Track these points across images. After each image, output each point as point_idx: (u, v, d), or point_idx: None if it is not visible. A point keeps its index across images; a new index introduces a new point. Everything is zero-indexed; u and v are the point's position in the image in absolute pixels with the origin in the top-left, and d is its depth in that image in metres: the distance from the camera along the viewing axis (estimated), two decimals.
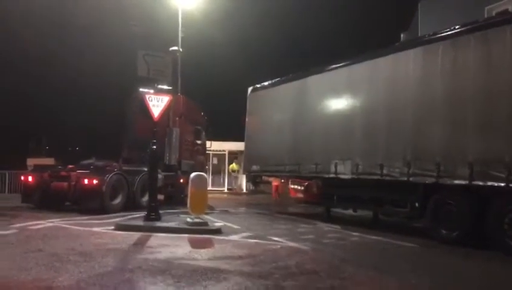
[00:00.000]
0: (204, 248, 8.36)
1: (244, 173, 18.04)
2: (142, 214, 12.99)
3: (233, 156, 28.64)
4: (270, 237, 9.55)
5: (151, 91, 11.06)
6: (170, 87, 11.22)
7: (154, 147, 11.03)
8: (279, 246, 8.53)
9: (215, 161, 28.80)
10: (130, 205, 14.13)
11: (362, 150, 11.50)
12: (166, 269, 6.53)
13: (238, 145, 28.50)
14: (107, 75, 24.08)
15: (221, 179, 29.13)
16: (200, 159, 18.67)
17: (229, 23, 24.40)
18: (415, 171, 9.97)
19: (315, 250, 8.27)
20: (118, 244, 8.49)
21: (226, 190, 28.19)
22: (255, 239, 9.32)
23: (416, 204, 10.31)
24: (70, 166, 14.45)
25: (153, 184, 11.19)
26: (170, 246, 8.32)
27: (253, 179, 21.65)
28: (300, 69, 15.14)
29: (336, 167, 12.27)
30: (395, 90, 10.65)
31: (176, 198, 16.54)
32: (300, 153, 13.77)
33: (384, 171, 10.74)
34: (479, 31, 8.95)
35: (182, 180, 16.89)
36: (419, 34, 16.23)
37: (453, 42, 9.41)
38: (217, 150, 27.35)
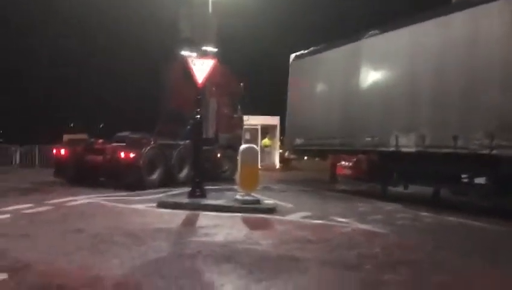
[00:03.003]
0: (264, 229, 7.31)
1: (287, 147, 16.85)
2: (182, 190, 12.13)
3: (266, 131, 27.45)
4: (333, 218, 8.42)
5: (194, 54, 9.90)
6: (215, 49, 9.99)
7: (199, 117, 9.94)
8: (350, 229, 7.40)
9: (247, 136, 27.62)
10: (168, 180, 13.21)
11: (431, 119, 10.17)
12: (231, 255, 5.49)
13: (270, 120, 27.40)
14: (141, 43, 23.02)
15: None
16: (237, 132, 17.55)
17: None
18: (499, 143, 8.63)
19: (394, 233, 7.11)
20: (165, 223, 7.51)
21: (259, 166, 27.09)
22: (318, 220, 8.20)
23: (498, 181, 8.99)
24: (103, 140, 13.57)
25: (197, 158, 10.17)
26: (225, 227, 7.29)
27: (297, 152, 20.25)
28: (343, 36, 13.80)
29: (396, 139, 10.98)
30: (475, 48, 9.21)
31: (213, 173, 15.51)
32: (353, 124, 12.50)
33: (459, 143, 9.42)
34: None
35: (219, 155, 15.89)
36: None
37: None
38: (249, 125, 26.18)
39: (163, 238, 6.41)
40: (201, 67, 9.75)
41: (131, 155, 12.09)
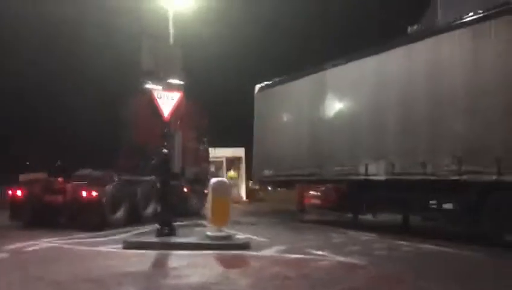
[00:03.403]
0: (239, 267, 6.97)
1: (254, 180, 16.64)
2: (148, 228, 11.65)
3: (231, 163, 27.18)
4: (309, 251, 8.17)
5: (159, 87, 9.64)
6: (181, 82, 9.76)
7: (166, 151, 9.60)
8: (327, 262, 7.16)
9: (212, 169, 27.23)
10: (133, 218, 12.64)
11: (399, 147, 10.24)
12: None
13: (236, 152, 27.18)
14: (99, 76, 22.39)
15: None
16: (204, 166, 17.21)
17: (221, 22, 22.74)
18: (468, 169, 8.72)
19: (373, 264, 6.91)
20: (133, 266, 7.04)
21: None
22: (294, 254, 7.92)
23: (468, 206, 9.02)
24: (62, 178, 12.91)
25: (165, 195, 9.76)
26: (198, 267, 6.91)
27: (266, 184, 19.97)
28: (305, 66, 13.95)
29: (366, 167, 10.98)
30: (439, 77, 9.40)
31: (180, 208, 15.02)
32: (321, 153, 12.45)
33: (428, 170, 9.48)
34: None
35: (186, 190, 15.45)
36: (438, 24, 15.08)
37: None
38: (213, 157, 25.85)
39: (131, 283, 5.96)
40: (167, 101, 9.49)
41: (94, 194, 11.50)
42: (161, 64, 9.55)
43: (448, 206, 10.43)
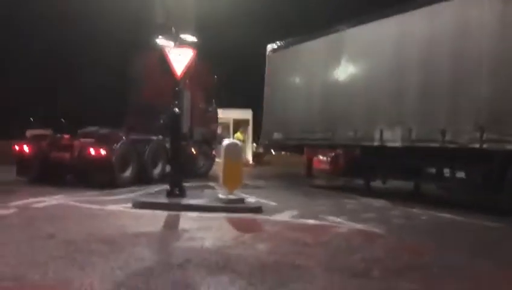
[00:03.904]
0: (254, 231, 6.79)
1: (263, 142, 16.38)
2: (157, 188, 11.52)
3: (238, 125, 26.84)
4: (323, 217, 7.98)
5: (171, 43, 9.24)
6: (195, 39, 9.34)
7: (177, 110, 9.30)
8: (345, 229, 6.96)
9: (218, 130, 26.90)
10: (141, 178, 12.49)
11: (417, 112, 9.88)
12: (225, 264, 4.94)
13: (243, 114, 26.77)
14: (108, 30, 21.74)
15: None
16: (212, 127, 16.92)
17: None
18: (490, 137, 8.40)
19: (393, 234, 6.69)
20: (144, 227, 6.88)
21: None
22: (308, 219, 7.73)
23: (489, 176, 8.76)
24: (69, 135, 12.68)
25: (176, 155, 9.52)
26: (211, 230, 6.74)
27: (275, 147, 19.71)
28: (320, 27, 13.41)
29: (381, 133, 10.66)
30: (465, 39, 8.93)
31: (188, 170, 14.85)
32: (335, 118, 12.11)
33: (447, 138, 9.15)
34: None
35: (194, 151, 15.23)
36: None
37: None
38: (220, 118, 25.47)
39: (145, 245, 5.79)
40: (179, 58, 9.10)
41: (102, 151, 11.30)
42: (174, 18, 9.11)
43: (460, 174, 10.28)
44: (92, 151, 11.32)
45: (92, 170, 11.33)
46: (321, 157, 17.31)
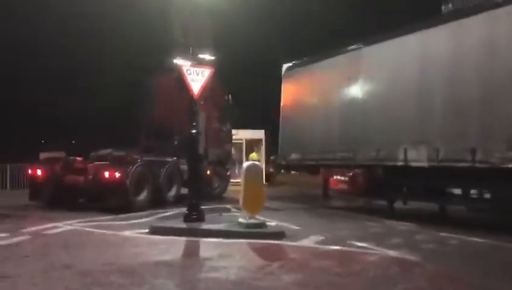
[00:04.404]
0: (279, 259, 6.36)
1: (280, 162, 16.00)
2: (173, 211, 11.19)
3: (250, 145, 26.50)
4: (350, 242, 7.55)
5: (188, 63, 8.99)
6: (212, 57, 9.09)
7: (195, 131, 9.00)
8: (377, 257, 6.52)
9: (233, 151, 26.56)
10: (156, 201, 12.16)
11: (444, 130, 9.46)
12: None
13: (255, 134, 26.47)
14: (120, 55, 21.75)
15: (237, 170, 26.92)
16: (226, 147, 16.61)
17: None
18: None
19: (428, 261, 6.22)
20: (163, 255, 6.53)
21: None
22: (335, 245, 7.30)
23: None
24: (83, 158, 12.42)
25: (194, 177, 9.18)
26: (234, 258, 6.36)
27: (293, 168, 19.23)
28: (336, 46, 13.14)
29: (405, 152, 10.23)
30: (494, 54, 8.57)
31: (203, 191, 14.50)
32: (355, 137, 11.70)
33: (478, 157, 8.71)
34: None
35: (209, 172, 14.89)
36: None
37: None
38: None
39: (166, 276, 5.42)
40: (197, 77, 8.84)
41: (117, 174, 11.00)
42: (192, 38, 8.89)
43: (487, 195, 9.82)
44: (106, 174, 11.03)
45: (106, 194, 11.03)
46: (338, 177, 16.93)
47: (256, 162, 8.67)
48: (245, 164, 8.60)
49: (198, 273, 5.60)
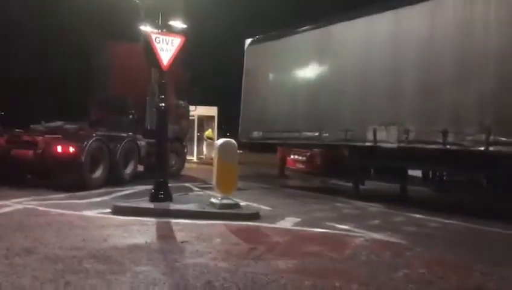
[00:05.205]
0: (263, 243, 5.99)
1: (241, 140, 15.56)
2: (132, 190, 10.57)
3: (202, 122, 25.87)
4: (329, 224, 7.33)
5: (157, 31, 8.30)
6: (184, 25, 8.42)
7: (163, 105, 8.37)
8: (363, 240, 6.32)
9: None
10: (111, 179, 11.41)
11: (415, 112, 9.42)
12: (254, 287, 4.18)
13: (208, 110, 25.78)
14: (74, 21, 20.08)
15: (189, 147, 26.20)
16: (183, 123, 15.92)
17: None
18: (497, 139, 8.03)
19: (418, 246, 6.06)
20: (135, 237, 5.99)
21: (195, 159, 25.40)
22: (316, 228, 7.05)
23: (496, 179, 8.43)
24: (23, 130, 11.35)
25: (162, 154, 8.57)
26: (214, 241, 5.97)
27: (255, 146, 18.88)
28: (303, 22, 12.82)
29: (375, 133, 10.15)
30: (470, 36, 8.51)
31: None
32: (322, 117, 11.49)
33: (449, 139, 8.73)
34: None
35: None
36: None
37: None
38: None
39: (147, 262, 4.90)
40: (166, 46, 8.17)
41: (71, 149, 10.13)
42: (161, 3, 8.17)
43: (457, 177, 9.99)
44: (59, 148, 10.13)
45: (58, 170, 10.16)
46: (296, 156, 16.80)
47: (232, 141, 8.10)
48: (218, 142, 8.11)
49: (182, 258, 5.11)
